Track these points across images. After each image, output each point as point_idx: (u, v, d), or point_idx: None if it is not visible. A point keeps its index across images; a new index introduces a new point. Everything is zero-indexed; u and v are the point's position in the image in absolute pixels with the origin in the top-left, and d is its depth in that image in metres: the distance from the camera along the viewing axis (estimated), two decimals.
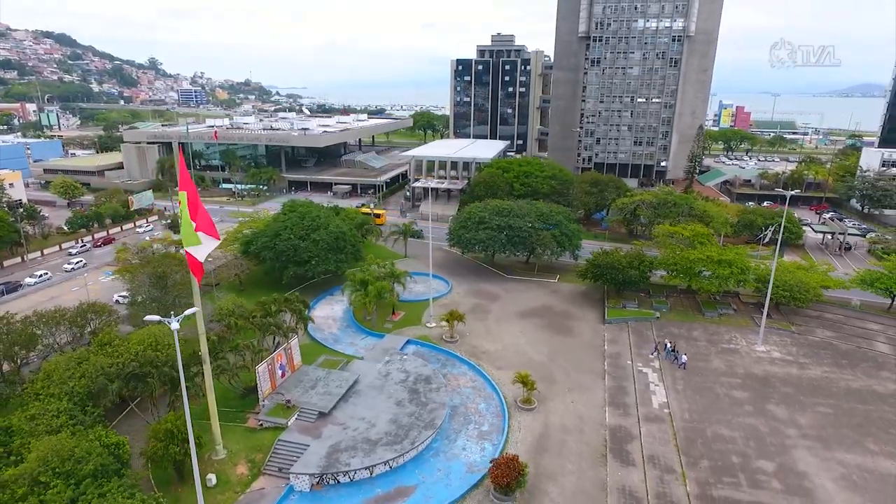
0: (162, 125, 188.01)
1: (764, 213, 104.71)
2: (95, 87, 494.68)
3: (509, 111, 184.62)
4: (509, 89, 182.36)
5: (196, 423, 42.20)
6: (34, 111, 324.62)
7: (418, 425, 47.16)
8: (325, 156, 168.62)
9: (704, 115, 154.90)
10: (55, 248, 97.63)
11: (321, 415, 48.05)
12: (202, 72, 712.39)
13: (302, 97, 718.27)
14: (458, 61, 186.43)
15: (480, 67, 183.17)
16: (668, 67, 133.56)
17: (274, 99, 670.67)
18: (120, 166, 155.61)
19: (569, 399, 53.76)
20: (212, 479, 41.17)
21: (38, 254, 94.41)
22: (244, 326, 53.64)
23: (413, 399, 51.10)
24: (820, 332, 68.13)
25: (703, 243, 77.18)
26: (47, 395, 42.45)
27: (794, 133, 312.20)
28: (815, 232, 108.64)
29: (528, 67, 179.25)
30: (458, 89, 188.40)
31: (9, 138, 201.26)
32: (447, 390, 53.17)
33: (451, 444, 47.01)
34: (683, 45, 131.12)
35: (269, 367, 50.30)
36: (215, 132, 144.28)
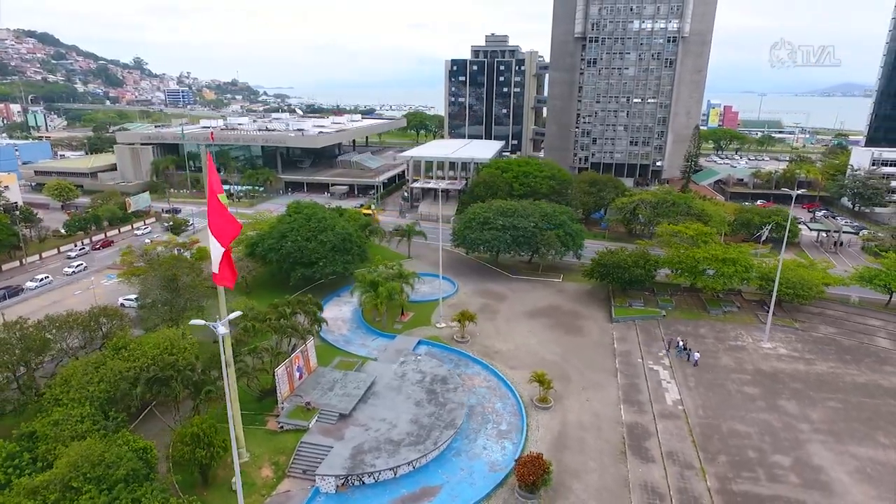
0: (155, 126, 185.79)
1: (761, 212, 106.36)
2: (80, 88, 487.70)
3: (504, 111, 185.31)
4: (504, 89, 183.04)
5: (218, 426, 42.34)
6: (18, 111, 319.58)
7: (439, 425, 47.45)
8: (320, 156, 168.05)
9: (699, 116, 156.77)
10: (53, 252, 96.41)
11: (342, 416, 48.15)
12: (188, 72, 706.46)
13: (289, 97, 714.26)
14: (452, 61, 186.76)
15: (475, 68, 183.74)
16: (663, 68, 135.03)
17: (262, 99, 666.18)
18: (113, 168, 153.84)
19: (583, 397, 54.37)
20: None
21: (36, 257, 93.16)
22: (260, 329, 53.54)
23: (431, 399, 51.38)
24: (823, 328, 69.51)
25: (706, 242, 78.32)
26: (68, 401, 42.09)
27: (781, 132, 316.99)
28: (810, 230, 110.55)
29: (523, 68, 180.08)
30: (452, 89, 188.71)
31: None
32: (464, 390, 53.51)
33: (471, 444, 47.37)
34: (678, 45, 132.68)
35: (288, 369, 50.29)
36: (212, 133, 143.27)
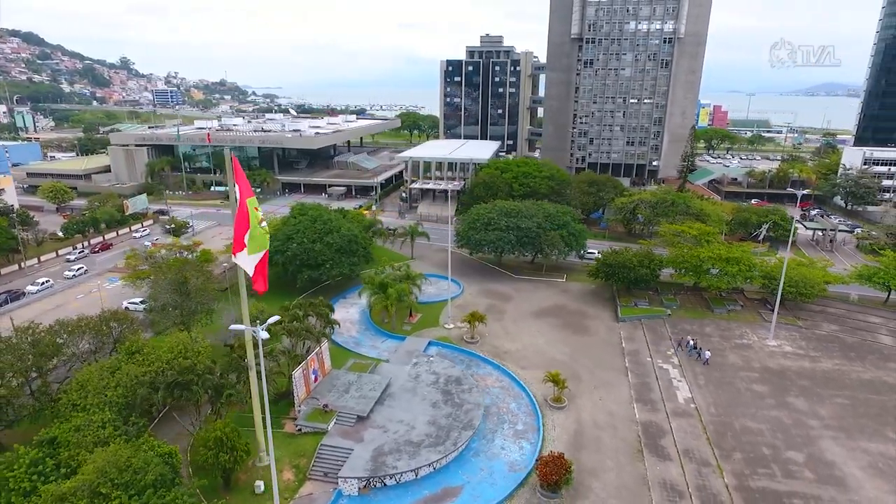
0: (149, 127, 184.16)
1: (758, 211, 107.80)
2: (66, 88, 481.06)
3: (499, 112, 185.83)
4: (499, 90, 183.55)
5: (239, 430, 42.27)
6: (4, 112, 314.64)
7: (457, 426, 47.70)
8: (316, 157, 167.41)
9: (694, 116, 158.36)
10: (52, 255, 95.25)
11: (360, 418, 48.23)
12: (176, 71, 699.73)
13: (278, 97, 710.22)
14: (447, 62, 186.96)
15: (470, 68, 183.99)
16: (659, 69, 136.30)
17: (251, 99, 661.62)
18: (107, 169, 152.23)
19: (596, 396, 54.89)
20: (260, 486, 41.09)
21: (35, 261, 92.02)
22: (274, 332, 53.35)
23: (447, 400, 51.61)
24: (825, 325, 70.70)
25: (709, 242, 79.28)
26: (87, 406, 41.79)
27: (770, 131, 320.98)
28: (806, 229, 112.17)
29: (518, 68, 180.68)
30: (447, 90, 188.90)
31: None
32: (479, 391, 53.80)
33: (489, 444, 47.68)
34: (674, 46, 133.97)
35: (304, 372, 50.26)
36: (208, 134, 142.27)
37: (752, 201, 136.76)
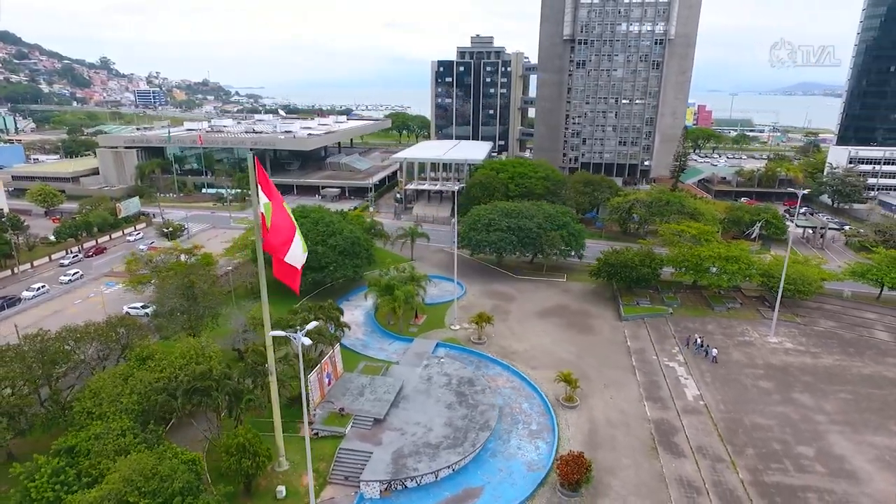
0: (136, 129, 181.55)
1: (750, 210, 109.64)
2: (45, 88, 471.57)
3: (490, 112, 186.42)
4: (490, 90, 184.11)
5: (259, 435, 42.06)
6: None
7: (474, 427, 47.96)
8: (307, 159, 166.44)
9: (684, 116, 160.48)
10: (45, 260, 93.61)
11: (376, 421, 48.26)
12: (157, 72, 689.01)
13: (262, 97, 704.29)
14: (438, 62, 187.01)
15: (461, 69, 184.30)
16: (650, 70, 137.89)
17: (234, 99, 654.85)
18: (95, 172, 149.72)
19: (607, 395, 55.51)
20: (281, 490, 40.97)
21: (28, 266, 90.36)
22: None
23: (461, 401, 51.84)
24: (823, 322, 72.23)
25: (708, 240, 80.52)
26: (103, 413, 41.23)
27: (753, 131, 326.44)
28: (797, 227, 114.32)
29: (509, 69, 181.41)
30: (438, 90, 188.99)
31: None
32: (492, 391, 54.11)
33: (505, 445, 47.98)
34: (665, 48, 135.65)
35: (318, 375, 50.15)
36: (200, 136, 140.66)
37: (742, 200, 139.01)
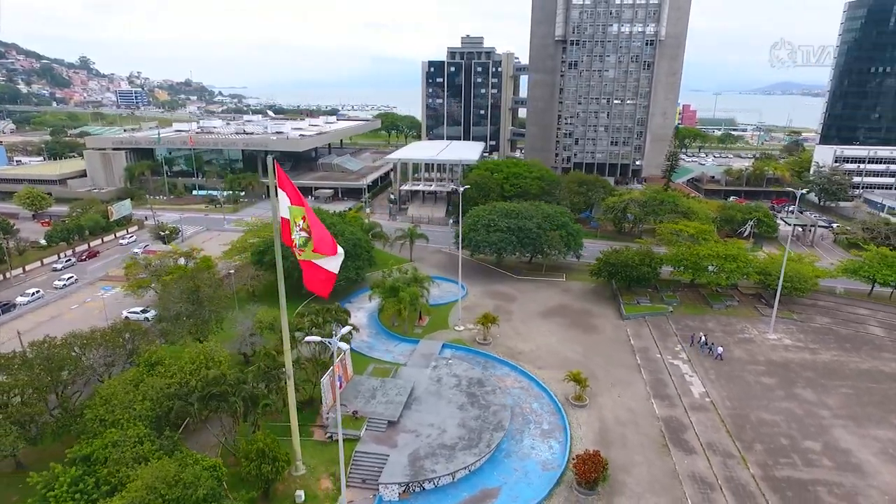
0: (124, 130, 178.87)
1: (742, 209, 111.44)
2: (24, 88, 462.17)
3: (481, 112, 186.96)
4: (481, 91, 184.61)
5: (277, 440, 41.89)
6: None
7: (487, 428, 48.22)
8: (299, 159, 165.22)
9: (674, 116, 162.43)
10: (37, 264, 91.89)
11: (390, 423, 48.29)
12: (139, 71, 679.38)
13: (245, 97, 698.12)
14: (429, 63, 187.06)
15: (452, 69, 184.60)
16: (641, 70, 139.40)
17: (218, 99, 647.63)
18: (82, 174, 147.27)
19: (615, 394, 56.14)
20: (300, 495, 40.82)
21: (20, 270, 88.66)
22: (297, 339, 52.88)
23: (473, 402, 52.08)
24: (819, 318, 73.74)
25: (706, 239, 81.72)
26: (117, 421, 40.74)
27: (736, 130, 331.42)
28: (787, 225, 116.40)
29: (499, 69, 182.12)
30: (429, 91, 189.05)
31: None
32: (502, 392, 54.43)
33: (518, 444, 48.32)
34: (655, 48, 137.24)
35: (330, 378, 49.97)
36: (191, 137, 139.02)
37: (731, 198, 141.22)
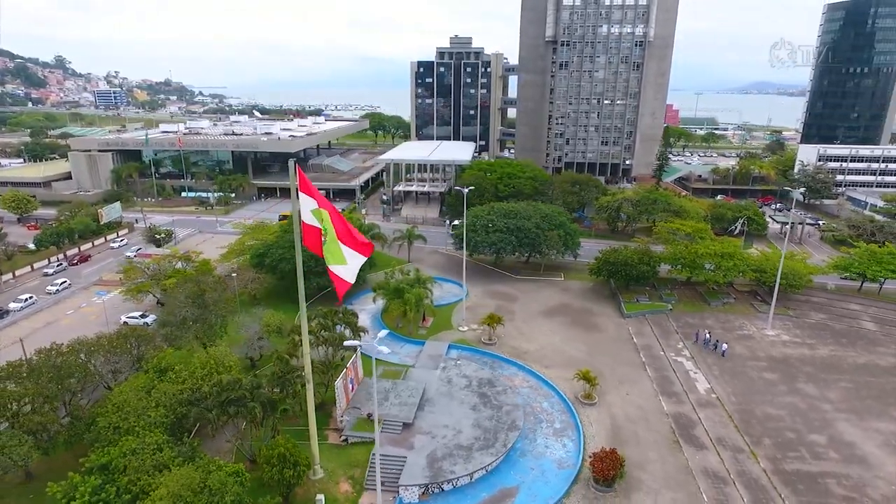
0: (109, 131, 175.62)
1: (732, 207, 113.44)
2: None
3: (471, 112, 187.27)
4: (470, 91, 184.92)
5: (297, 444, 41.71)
6: None
7: (502, 427, 48.55)
8: (289, 160, 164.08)
9: (663, 116, 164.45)
10: (27, 269, 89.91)
11: (405, 425, 48.33)
12: (117, 71, 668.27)
13: (226, 97, 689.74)
14: (418, 63, 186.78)
15: (441, 69, 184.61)
16: (630, 71, 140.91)
17: (198, 99, 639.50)
18: (67, 176, 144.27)
19: (623, 391, 56.87)
20: (321, 499, 40.65)
21: (9, 276, 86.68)
22: (311, 343, 52.62)
23: (485, 402, 52.36)
24: (813, 314, 75.46)
25: (702, 238, 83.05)
26: (132, 428, 40.20)
27: (718, 129, 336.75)
28: (775, 222, 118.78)
29: (489, 69, 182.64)
30: (418, 91, 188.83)
31: None
32: (513, 392, 54.80)
33: (532, 444, 48.70)
34: (644, 49, 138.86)
35: (343, 381, 49.91)
36: (179, 138, 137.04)
37: (719, 197, 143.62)
